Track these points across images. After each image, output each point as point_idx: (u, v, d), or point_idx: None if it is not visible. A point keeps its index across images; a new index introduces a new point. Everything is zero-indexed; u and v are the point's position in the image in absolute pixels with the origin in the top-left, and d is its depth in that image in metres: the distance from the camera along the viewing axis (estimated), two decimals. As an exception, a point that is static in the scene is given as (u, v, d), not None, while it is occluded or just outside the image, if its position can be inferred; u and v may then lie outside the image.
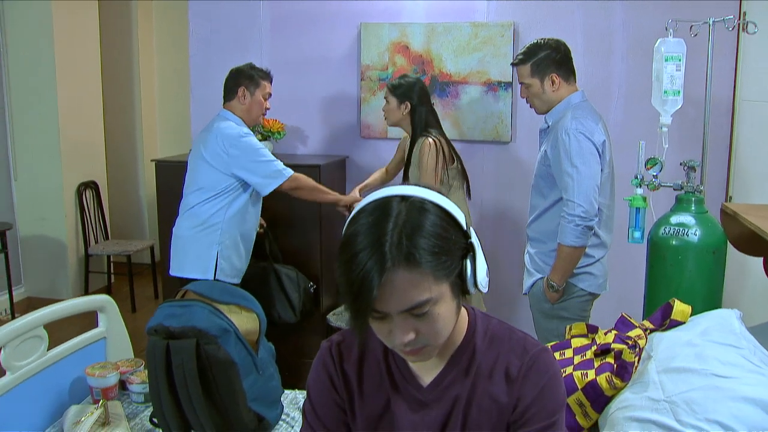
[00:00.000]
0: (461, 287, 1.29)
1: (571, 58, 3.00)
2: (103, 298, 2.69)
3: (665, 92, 2.81)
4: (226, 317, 2.24)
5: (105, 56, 6.11)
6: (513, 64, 3.20)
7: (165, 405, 2.22)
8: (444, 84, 4.35)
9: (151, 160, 4.53)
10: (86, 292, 5.62)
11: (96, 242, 5.88)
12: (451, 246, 1.24)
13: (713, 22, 2.90)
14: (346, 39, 4.49)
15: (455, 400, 1.41)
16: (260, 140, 4.31)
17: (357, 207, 1.30)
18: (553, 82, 2.96)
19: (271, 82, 3.67)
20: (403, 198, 1.25)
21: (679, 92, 2.80)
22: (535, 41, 3.02)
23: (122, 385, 2.56)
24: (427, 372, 1.43)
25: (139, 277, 5.93)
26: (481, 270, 1.30)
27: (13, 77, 5.51)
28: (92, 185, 5.88)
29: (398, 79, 3.78)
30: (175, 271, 3.55)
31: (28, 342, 2.30)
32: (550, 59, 2.95)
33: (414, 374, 1.43)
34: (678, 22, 2.83)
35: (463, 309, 1.43)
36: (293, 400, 2.53)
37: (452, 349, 1.42)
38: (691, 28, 2.96)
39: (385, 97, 3.79)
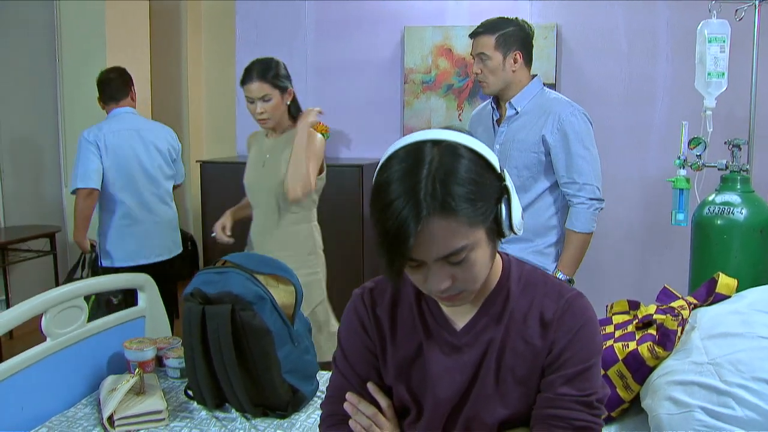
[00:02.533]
0: (497, 231, 1.27)
1: (533, 44, 2.86)
2: (143, 276, 2.73)
3: (709, 74, 2.76)
4: (262, 285, 2.24)
5: (154, 68, 6.23)
6: (474, 35, 2.84)
7: (200, 373, 2.22)
8: (487, 87, 4.35)
9: (196, 161, 4.60)
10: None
11: (142, 249, 5.94)
12: (486, 191, 1.22)
13: (759, 2, 2.85)
14: (389, 42, 4.53)
15: (489, 344, 1.39)
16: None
17: (388, 152, 1.27)
18: (515, 60, 2.78)
19: None
20: (435, 142, 1.22)
21: (723, 74, 2.75)
22: (500, 17, 2.85)
23: (159, 362, 2.58)
24: (460, 316, 1.41)
25: (183, 282, 5.97)
26: (516, 212, 1.27)
27: (67, 86, 5.65)
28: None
29: (266, 64, 3.05)
30: None
31: (68, 311, 2.33)
32: (516, 36, 2.78)
33: (447, 318, 1.42)
34: (722, 3, 2.79)
35: (497, 254, 1.41)
36: (329, 380, 2.50)
37: (486, 293, 1.40)
38: (736, 12, 2.91)
39: (264, 96, 2.98)
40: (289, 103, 3.07)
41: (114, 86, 3.92)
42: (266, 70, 3.00)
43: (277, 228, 3.10)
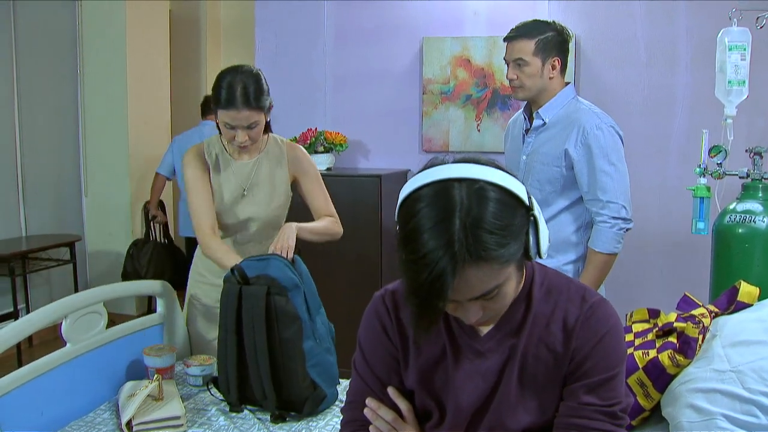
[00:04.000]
0: (525, 255, 1.26)
1: (569, 50, 2.74)
2: (162, 283, 2.74)
3: (729, 82, 2.74)
4: (297, 273, 2.27)
5: (174, 78, 6.29)
6: (510, 39, 2.71)
7: (230, 357, 2.26)
8: (505, 97, 4.35)
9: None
10: (149, 308, 5.70)
11: (161, 258, 5.99)
12: (515, 230, 1.20)
13: (780, 10, 2.84)
14: (408, 53, 4.54)
15: (511, 350, 1.38)
16: (323, 152, 4.38)
17: (411, 187, 1.23)
18: (553, 67, 2.66)
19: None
20: (462, 182, 1.19)
21: (744, 82, 2.73)
22: (537, 20, 2.72)
23: None
24: None
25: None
26: (544, 239, 1.27)
27: (87, 96, 5.72)
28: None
29: (254, 81, 2.50)
30: None
31: (88, 317, 2.35)
32: (555, 41, 2.65)
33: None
34: (742, 11, 2.77)
35: None
36: (348, 387, 2.50)
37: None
38: (757, 19, 2.89)
39: (251, 124, 2.50)
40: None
41: (205, 104, 5.32)
42: (256, 93, 2.48)
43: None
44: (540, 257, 1.27)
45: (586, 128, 2.60)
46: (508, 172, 1.24)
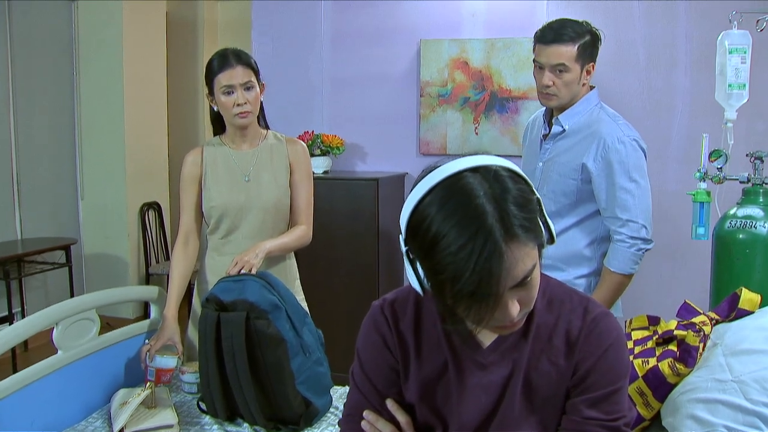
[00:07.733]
0: (541, 244, 1.21)
1: None
2: (156, 289, 2.72)
3: (730, 86, 2.70)
4: (277, 293, 2.23)
5: (171, 80, 6.27)
6: (550, 41, 2.48)
7: (212, 382, 2.21)
8: (504, 100, 4.33)
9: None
10: (145, 312, 5.67)
11: (156, 261, 5.97)
12: (533, 206, 1.17)
13: (781, 13, 2.80)
14: (405, 56, 4.52)
15: (515, 363, 1.34)
16: (320, 155, 4.36)
17: (411, 204, 1.17)
18: (588, 73, 2.52)
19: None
20: (473, 171, 1.15)
21: (744, 86, 2.69)
22: (569, 19, 2.53)
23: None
24: (486, 334, 1.36)
25: (198, 298, 5.97)
26: (550, 222, 1.22)
27: (84, 102, 5.71)
28: (155, 206, 5.99)
29: (241, 50, 2.60)
30: None
31: (80, 323, 2.33)
32: (594, 46, 2.52)
33: (473, 335, 1.36)
34: (743, 14, 2.74)
35: None
36: (343, 395, 2.47)
37: None
38: (757, 22, 2.86)
39: (247, 83, 2.52)
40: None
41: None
42: (246, 55, 2.56)
43: None
44: (552, 242, 1.22)
45: (607, 141, 2.47)
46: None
